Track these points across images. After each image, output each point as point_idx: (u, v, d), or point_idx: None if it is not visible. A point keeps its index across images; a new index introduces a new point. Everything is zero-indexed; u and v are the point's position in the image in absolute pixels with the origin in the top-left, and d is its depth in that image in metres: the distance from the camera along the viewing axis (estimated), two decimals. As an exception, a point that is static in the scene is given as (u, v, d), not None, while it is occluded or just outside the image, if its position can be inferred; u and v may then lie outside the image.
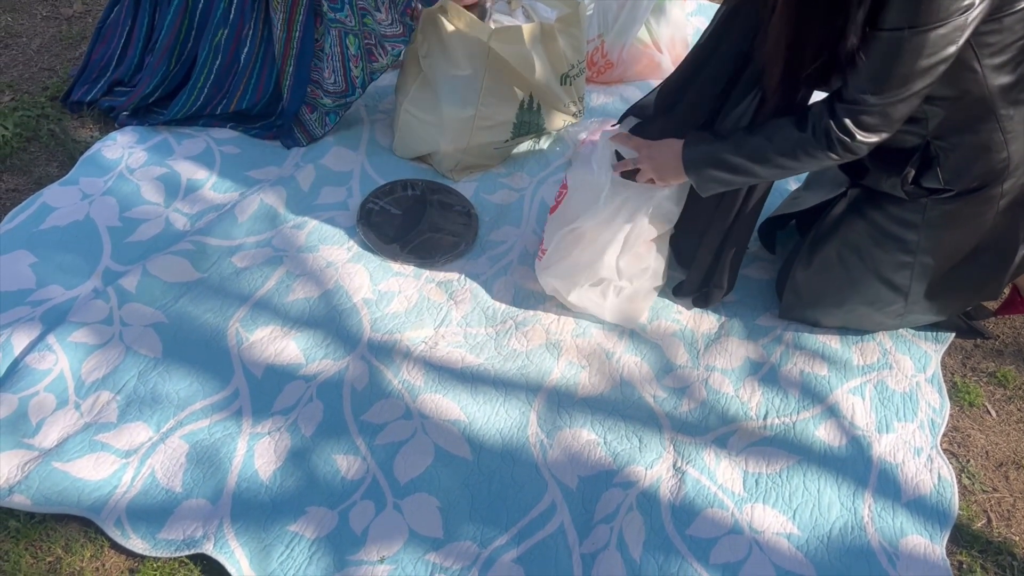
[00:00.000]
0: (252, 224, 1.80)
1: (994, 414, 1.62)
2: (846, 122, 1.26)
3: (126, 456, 1.38)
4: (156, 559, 1.27)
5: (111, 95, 2.08)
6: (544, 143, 2.14)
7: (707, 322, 1.73)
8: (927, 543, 1.39)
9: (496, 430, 1.49)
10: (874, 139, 1.28)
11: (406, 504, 1.37)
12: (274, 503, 1.35)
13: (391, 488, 1.39)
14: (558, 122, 2.06)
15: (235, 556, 1.27)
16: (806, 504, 1.42)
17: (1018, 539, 1.42)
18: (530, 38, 1.86)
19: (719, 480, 1.45)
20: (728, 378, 1.62)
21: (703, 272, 1.68)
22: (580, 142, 2.10)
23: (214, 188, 1.90)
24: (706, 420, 1.55)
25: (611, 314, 1.66)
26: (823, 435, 1.53)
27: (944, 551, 1.38)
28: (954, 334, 1.74)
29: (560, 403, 1.55)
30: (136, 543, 1.28)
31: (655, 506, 1.40)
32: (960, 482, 1.49)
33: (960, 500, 1.46)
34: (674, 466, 1.46)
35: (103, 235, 1.76)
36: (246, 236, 1.78)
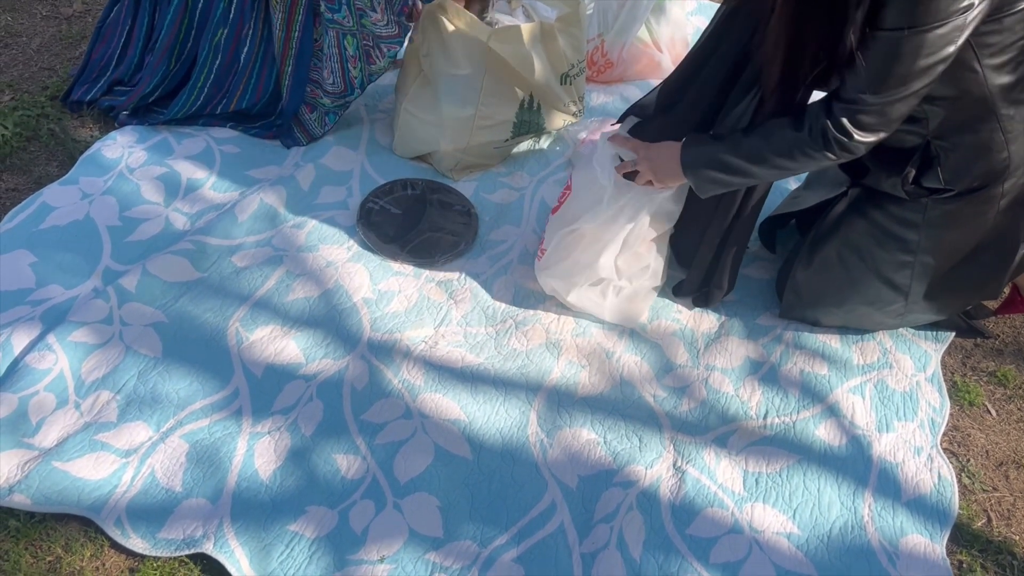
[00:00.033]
0: (252, 223, 1.80)
1: (994, 413, 1.62)
2: (843, 121, 1.26)
3: (126, 456, 1.38)
4: (156, 558, 1.27)
5: (111, 94, 2.08)
6: (544, 142, 2.14)
7: (707, 321, 1.73)
8: (927, 542, 1.39)
9: (496, 429, 1.49)
10: (871, 139, 1.28)
11: (406, 503, 1.37)
12: (274, 502, 1.35)
13: (391, 487, 1.39)
14: (558, 121, 2.06)
15: (235, 555, 1.27)
16: (806, 503, 1.42)
17: (1018, 538, 1.42)
18: (530, 38, 1.86)
19: (719, 479, 1.45)
20: (728, 377, 1.62)
21: (703, 271, 1.68)
22: (580, 141, 2.10)
23: (214, 187, 1.90)
24: (706, 419, 1.55)
25: (611, 314, 1.66)
26: (823, 434, 1.53)
27: (944, 550, 1.38)
28: (954, 333, 1.74)
29: (560, 402, 1.55)
30: (136, 542, 1.28)
31: (655, 505, 1.40)
32: (960, 481, 1.49)
33: (960, 499, 1.46)
34: (674, 465, 1.46)
35: (103, 234, 1.76)
36: (246, 235, 1.78)
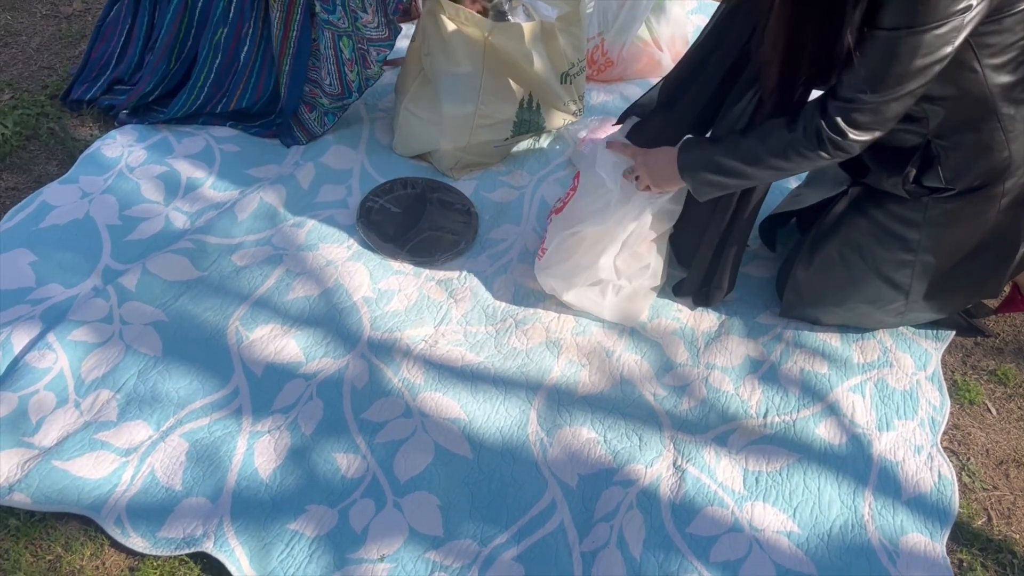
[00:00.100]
0: (252, 222, 1.80)
1: (994, 412, 1.62)
2: (837, 120, 1.25)
3: (126, 454, 1.38)
4: (156, 557, 1.27)
5: (111, 93, 2.08)
6: (544, 141, 2.13)
7: (707, 320, 1.73)
8: (927, 541, 1.39)
9: (496, 428, 1.49)
10: (866, 137, 1.27)
11: (406, 502, 1.37)
12: (274, 501, 1.35)
13: (391, 486, 1.39)
14: (558, 120, 2.06)
15: (235, 554, 1.27)
16: (806, 502, 1.42)
17: (1018, 537, 1.42)
18: (530, 36, 1.86)
19: (719, 478, 1.45)
20: (728, 376, 1.62)
21: (703, 271, 1.68)
22: (580, 140, 2.10)
23: (214, 186, 1.90)
24: (706, 418, 1.54)
25: (610, 313, 1.66)
26: (823, 433, 1.53)
27: (944, 549, 1.38)
28: (954, 332, 1.74)
29: (560, 401, 1.55)
30: (136, 541, 1.28)
31: (655, 504, 1.40)
32: (960, 480, 1.49)
33: (960, 498, 1.46)
34: (674, 464, 1.46)
35: (103, 233, 1.75)
36: (246, 234, 1.78)
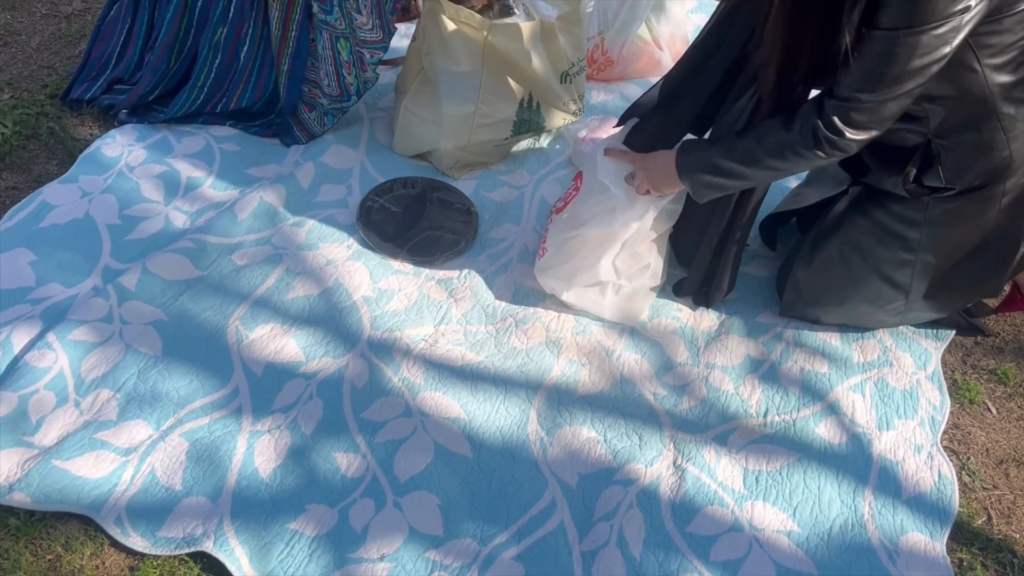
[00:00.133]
0: (252, 222, 1.80)
1: (994, 411, 1.62)
2: (834, 119, 1.25)
3: (126, 454, 1.38)
4: (156, 557, 1.27)
5: (111, 93, 2.08)
6: (544, 141, 2.13)
7: (707, 320, 1.73)
8: (927, 540, 1.39)
9: (496, 428, 1.49)
10: (863, 136, 1.27)
11: (406, 502, 1.37)
12: (274, 501, 1.35)
13: (391, 486, 1.39)
14: (558, 120, 2.06)
15: (235, 554, 1.27)
16: (806, 501, 1.42)
17: (1018, 536, 1.42)
18: (530, 36, 1.86)
19: (719, 478, 1.45)
20: (728, 375, 1.62)
21: (703, 271, 1.68)
22: (580, 140, 2.10)
23: (214, 186, 1.90)
24: (706, 418, 1.54)
25: (610, 312, 1.66)
26: (823, 432, 1.53)
27: (944, 548, 1.38)
28: (954, 331, 1.74)
29: (560, 401, 1.55)
30: (136, 541, 1.28)
31: (655, 504, 1.40)
32: (960, 479, 1.49)
33: (960, 497, 1.46)
34: (674, 464, 1.46)
35: (103, 233, 1.75)
36: (246, 234, 1.78)
